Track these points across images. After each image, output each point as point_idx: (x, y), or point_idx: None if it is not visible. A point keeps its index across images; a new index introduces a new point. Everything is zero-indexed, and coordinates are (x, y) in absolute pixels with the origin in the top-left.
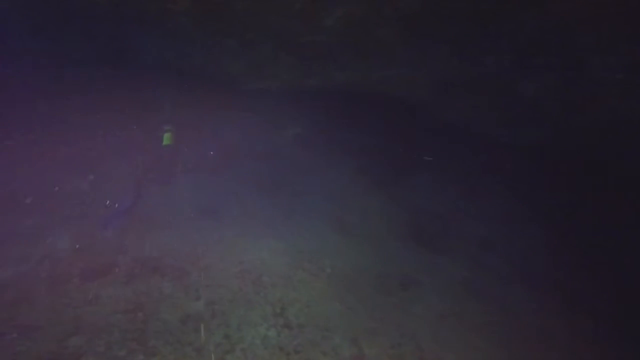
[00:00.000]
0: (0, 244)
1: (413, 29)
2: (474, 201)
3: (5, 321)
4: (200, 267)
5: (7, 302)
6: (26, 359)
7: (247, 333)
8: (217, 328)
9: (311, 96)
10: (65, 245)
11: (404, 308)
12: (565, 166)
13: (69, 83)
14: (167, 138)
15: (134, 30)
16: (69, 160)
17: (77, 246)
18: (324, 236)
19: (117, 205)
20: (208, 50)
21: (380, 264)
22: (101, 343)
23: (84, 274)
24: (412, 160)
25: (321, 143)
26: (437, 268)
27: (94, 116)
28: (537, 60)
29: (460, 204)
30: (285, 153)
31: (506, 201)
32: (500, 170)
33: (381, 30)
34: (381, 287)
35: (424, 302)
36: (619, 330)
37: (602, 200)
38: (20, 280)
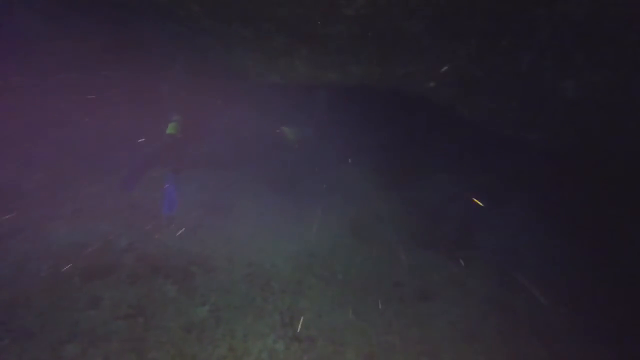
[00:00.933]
0: None
1: (442, 21)
2: (496, 208)
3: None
4: (206, 269)
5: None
6: None
7: (253, 345)
8: (221, 338)
9: (328, 91)
10: None
11: (424, 322)
12: (607, 177)
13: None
14: (172, 127)
15: (142, 16)
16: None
17: None
18: (337, 239)
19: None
20: (220, 40)
21: (397, 272)
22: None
23: (82, 274)
24: (432, 162)
25: (337, 141)
26: (459, 278)
27: (96, 109)
28: (581, 56)
29: (481, 210)
30: (298, 150)
31: (533, 210)
32: (529, 177)
33: (406, 21)
34: (398, 298)
35: (445, 316)
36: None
37: None
38: None
